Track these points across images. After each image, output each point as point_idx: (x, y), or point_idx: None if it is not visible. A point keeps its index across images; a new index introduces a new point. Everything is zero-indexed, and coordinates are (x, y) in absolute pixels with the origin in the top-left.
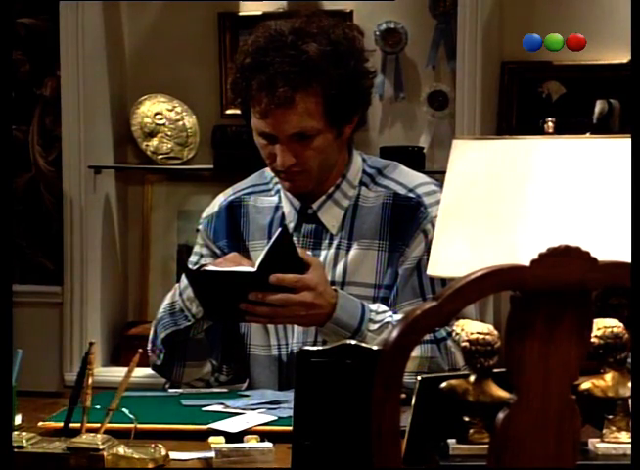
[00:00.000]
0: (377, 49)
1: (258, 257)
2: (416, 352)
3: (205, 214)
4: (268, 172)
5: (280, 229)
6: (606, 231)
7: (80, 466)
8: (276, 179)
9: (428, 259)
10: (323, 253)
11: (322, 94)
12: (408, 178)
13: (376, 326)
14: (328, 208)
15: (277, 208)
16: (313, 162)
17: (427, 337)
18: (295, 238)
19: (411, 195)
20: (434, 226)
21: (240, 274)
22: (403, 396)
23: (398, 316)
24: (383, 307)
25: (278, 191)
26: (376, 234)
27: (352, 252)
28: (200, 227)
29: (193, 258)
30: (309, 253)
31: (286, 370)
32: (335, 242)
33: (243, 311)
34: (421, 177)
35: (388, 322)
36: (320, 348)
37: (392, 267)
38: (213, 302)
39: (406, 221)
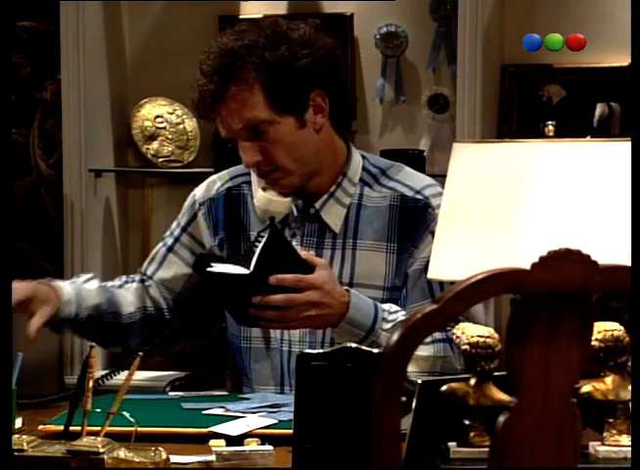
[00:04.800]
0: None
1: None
2: (429, 352)
3: (200, 196)
4: None
5: (269, 229)
6: (606, 234)
7: (81, 469)
8: None
9: None
10: (327, 252)
11: (257, 83)
12: (414, 180)
13: (389, 325)
14: (330, 206)
15: None
16: (281, 156)
17: (439, 336)
18: (297, 237)
19: (419, 196)
20: None
21: (236, 277)
22: (404, 399)
23: None
24: (395, 307)
25: None
26: (384, 236)
27: (359, 253)
28: (199, 210)
29: (175, 231)
30: (312, 252)
31: (287, 366)
32: (339, 241)
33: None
34: (426, 179)
35: (401, 321)
36: (320, 351)
37: (401, 269)
38: (230, 305)
39: (414, 223)
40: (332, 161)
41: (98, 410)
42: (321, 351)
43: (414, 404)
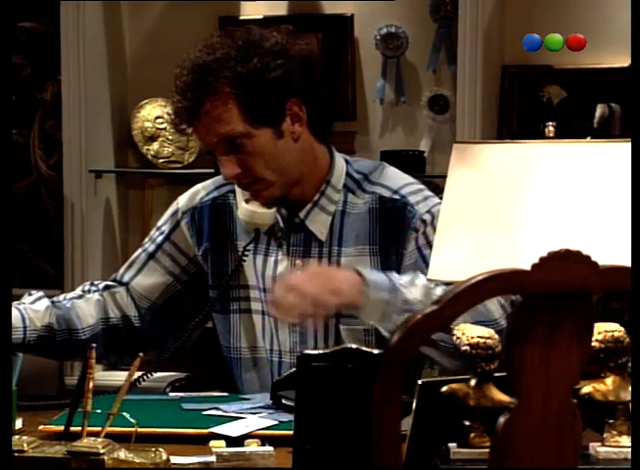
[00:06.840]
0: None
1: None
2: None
3: (183, 205)
4: None
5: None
6: (606, 235)
7: None
8: None
9: (429, 246)
10: (314, 261)
11: (231, 97)
12: (393, 181)
13: (407, 279)
14: (315, 215)
15: None
16: (259, 167)
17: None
18: (284, 247)
19: (396, 196)
20: (424, 222)
21: None
22: (405, 397)
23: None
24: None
25: None
26: (366, 240)
27: (344, 260)
28: (182, 219)
29: (158, 239)
30: (299, 262)
31: (278, 376)
32: (325, 250)
33: None
34: (406, 178)
35: (413, 276)
36: (321, 352)
37: (388, 270)
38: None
39: (396, 223)
40: (313, 169)
41: (98, 411)
42: (321, 351)
43: (414, 405)
